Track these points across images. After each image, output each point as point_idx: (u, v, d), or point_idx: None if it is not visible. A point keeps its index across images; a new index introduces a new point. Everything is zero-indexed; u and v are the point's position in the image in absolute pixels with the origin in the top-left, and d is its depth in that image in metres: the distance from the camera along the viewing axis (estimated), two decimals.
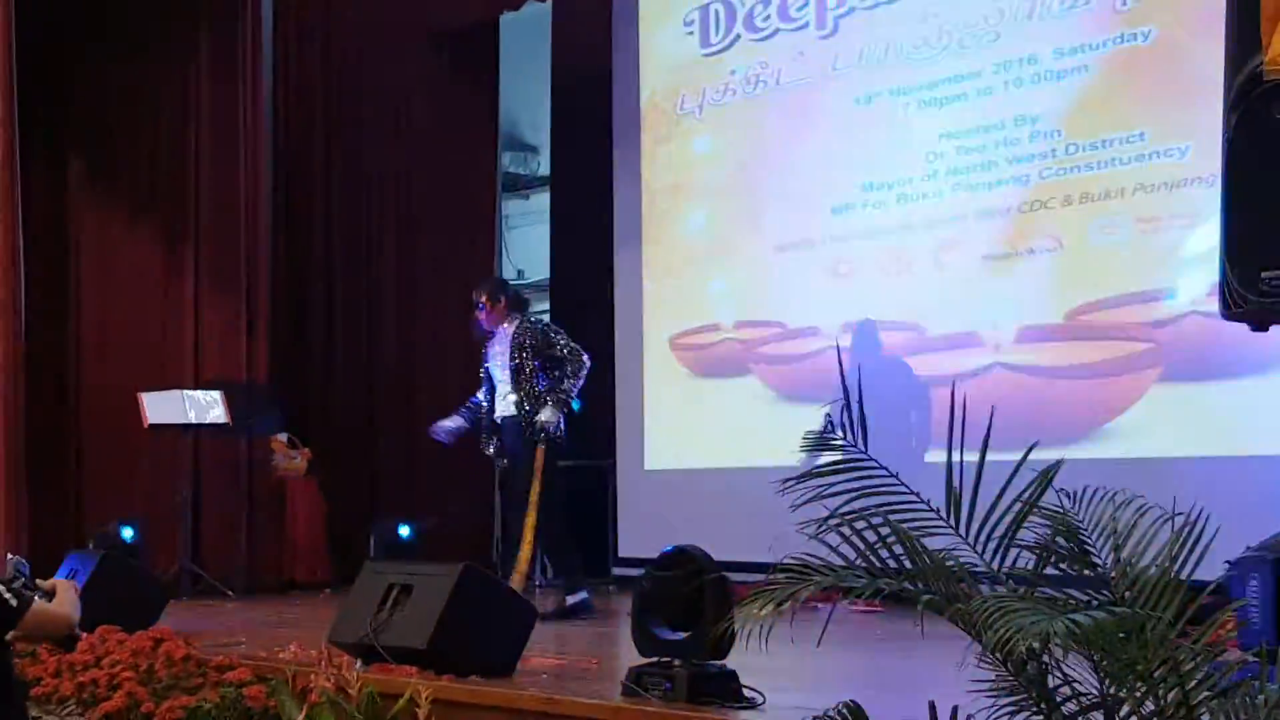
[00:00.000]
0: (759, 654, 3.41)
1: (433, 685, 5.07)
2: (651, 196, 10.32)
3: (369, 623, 5.48)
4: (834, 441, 3.53)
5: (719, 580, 4.59)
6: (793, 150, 9.47)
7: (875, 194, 8.94)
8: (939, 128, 8.65)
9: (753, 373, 9.63)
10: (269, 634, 7.18)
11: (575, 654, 6.15)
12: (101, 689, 5.56)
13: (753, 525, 8.77)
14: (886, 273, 8.85)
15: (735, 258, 9.79)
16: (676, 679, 4.59)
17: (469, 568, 5.55)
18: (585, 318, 11.37)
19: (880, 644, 6.61)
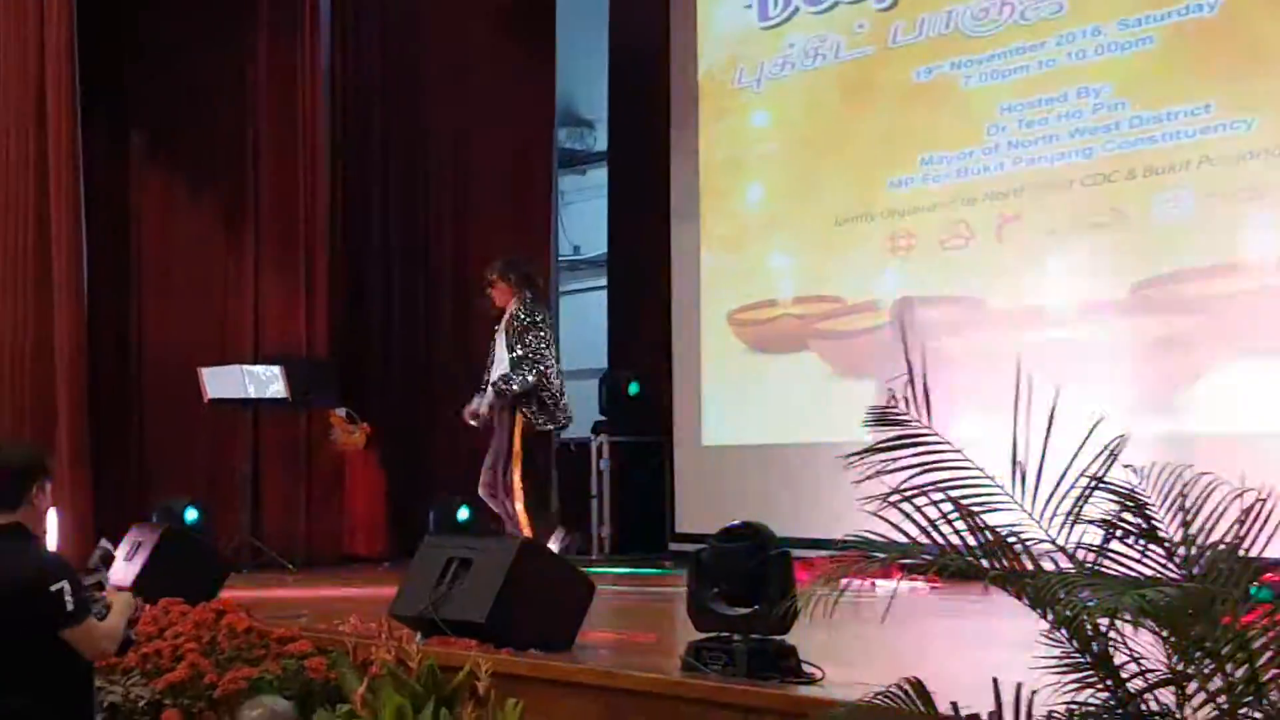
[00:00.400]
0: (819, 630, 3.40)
1: (492, 658, 5.08)
2: (709, 171, 10.28)
3: (429, 596, 5.49)
4: (897, 416, 3.50)
5: (783, 555, 4.57)
6: (852, 124, 9.41)
7: (935, 167, 8.86)
8: (1000, 100, 8.56)
9: (811, 348, 9.59)
10: (329, 607, 7.22)
11: (633, 628, 6.15)
12: (165, 660, 5.59)
13: (810, 501, 8.80)
14: (946, 247, 8.79)
15: (793, 232, 9.74)
16: (736, 654, 4.57)
17: (527, 542, 5.56)
18: (642, 294, 11.39)
19: (943, 620, 6.55)
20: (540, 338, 8.49)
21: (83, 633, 4.50)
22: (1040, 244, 8.38)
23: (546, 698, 4.98)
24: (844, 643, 4.28)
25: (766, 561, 4.59)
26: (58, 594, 4.40)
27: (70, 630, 4.46)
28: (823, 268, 9.54)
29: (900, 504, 3.36)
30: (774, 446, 9.61)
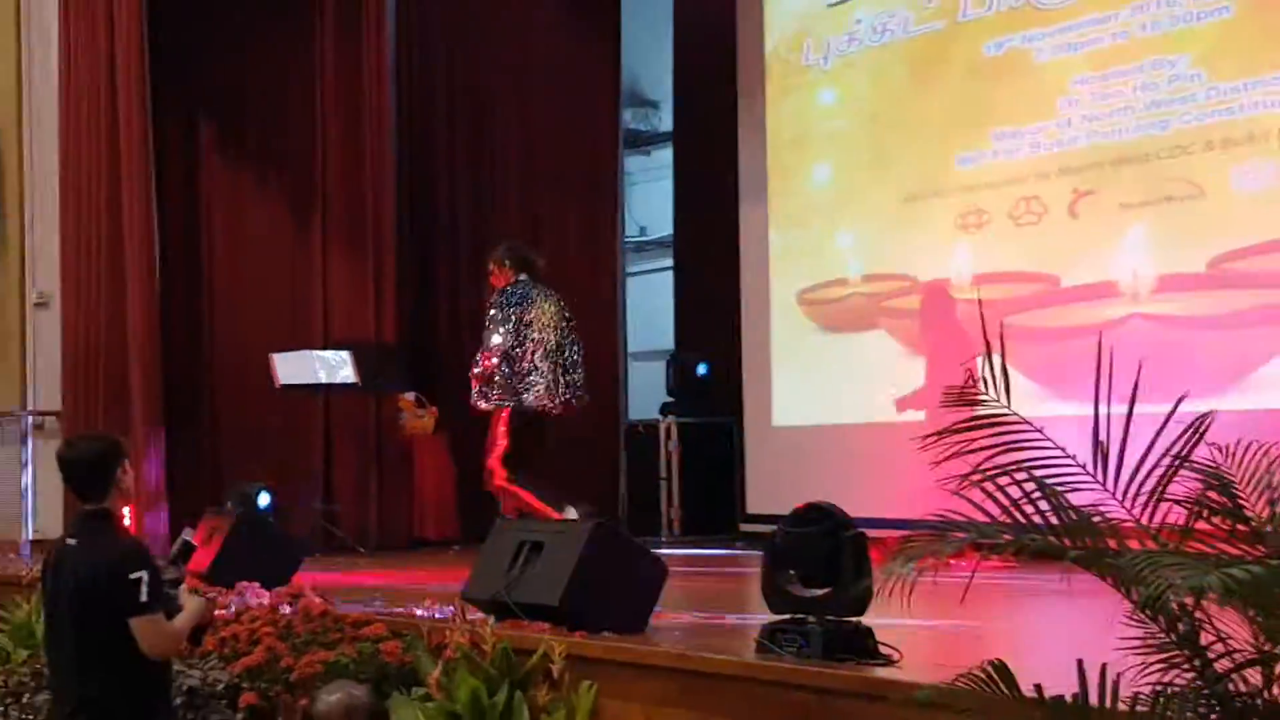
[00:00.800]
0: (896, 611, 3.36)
1: (566, 641, 5.09)
2: (776, 150, 10.22)
3: (502, 579, 5.49)
4: (975, 395, 3.45)
5: (858, 536, 4.53)
6: (921, 100, 9.31)
7: (1006, 143, 8.75)
8: (1073, 73, 8.44)
9: (881, 326, 9.51)
10: (401, 591, 7.25)
11: (707, 611, 6.12)
12: (242, 644, 5.64)
13: (882, 482, 8.73)
14: (1019, 223, 8.68)
15: (862, 210, 9.66)
16: (811, 636, 4.53)
17: (599, 524, 5.54)
18: (709, 274, 11.34)
19: (1024, 602, 6.47)
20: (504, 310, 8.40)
21: (149, 626, 4.54)
22: (1116, 219, 8.25)
23: (620, 680, 4.97)
24: (922, 624, 4.22)
25: (841, 543, 4.55)
26: (135, 582, 4.46)
27: (137, 620, 4.51)
28: (892, 246, 9.46)
29: (980, 484, 3.31)
30: (845, 426, 9.55)
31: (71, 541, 4.67)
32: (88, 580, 4.53)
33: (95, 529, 4.64)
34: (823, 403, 9.81)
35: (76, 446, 4.80)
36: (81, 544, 4.62)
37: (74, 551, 4.62)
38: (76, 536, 4.67)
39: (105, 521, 4.67)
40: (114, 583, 4.48)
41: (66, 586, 4.62)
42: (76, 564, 4.59)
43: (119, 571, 4.49)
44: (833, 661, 4.46)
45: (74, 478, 4.74)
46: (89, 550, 4.58)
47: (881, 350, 9.47)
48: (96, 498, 4.66)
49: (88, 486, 4.68)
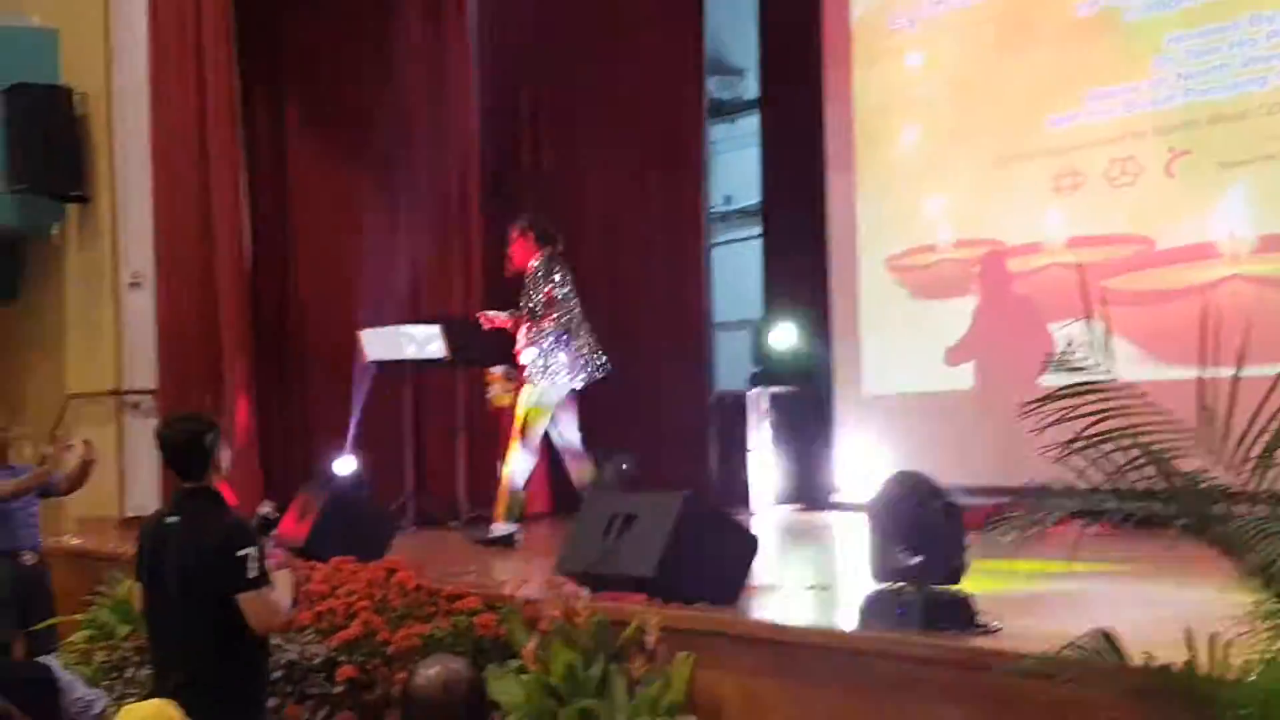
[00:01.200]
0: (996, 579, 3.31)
1: (660, 613, 5.08)
2: (864, 115, 10.10)
3: (595, 552, 5.49)
4: (1076, 361, 3.39)
5: (953, 505, 4.47)
6: (1011, 61, 9.16)
7: (1100, 103, 8.58)
8: (1167, 31, 8.25)
9: (972, 292, 9.39)
10: (495, 564, 7.28)
11: (800, 580, 6.09)
12: (339, 618, 5.68)
13: (976, 449, 8.64)
14: (1114, 184, 8.51)
15: (952, 175, 9.53)
16: (910, 605, 4.49)
17: (691, 496, 5.52)
18: (798, 242, 11.25)
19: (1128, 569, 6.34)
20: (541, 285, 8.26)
21: (258, 601, 4.59)
22: (1213, 178, 8.07)
23: (716, 651, 4.95)
24: (1022, 592, 4.16)
25: (937, 511, 4.49)
26: (243, 559, 4.51)
27: (246, 596, 4.56)
28: (983, 210, 9.32)
29: (1083, 450, 3.25)
30: (937, 394, 9.44)
31: (173, 519, 4.71)
32: (193, 558, 4.58)
33: (197, 507, 4.69)
34: (915, 370, 9.70)
35: (175, 426, 4.84)
36: (184, 522, 4.66)
37: (177, 529, 4.67)
38: (178, 514, 4.71)
39: (206, 499, 4.71)
40: (222, 560, 4.53)
41: (171, 564, 4.67)
42: (181, 542, 4.63)
43: (227, 549, 4.53)
44: (932, 631, 4.42)
45: (174, 457, 4.79)
46: (193, 528, 4.62)
47: (974, 316, 9.35)
48: (196, 475, 4.71)
49: (187, 465, 4.73)
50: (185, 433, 4.75)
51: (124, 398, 10.08)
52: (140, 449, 9.93)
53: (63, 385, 10.56)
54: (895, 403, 9.79)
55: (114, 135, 10.19)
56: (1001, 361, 8.97)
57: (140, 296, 10.06)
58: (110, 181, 10.19)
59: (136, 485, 9.90)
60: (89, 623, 6.83)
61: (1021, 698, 3.86)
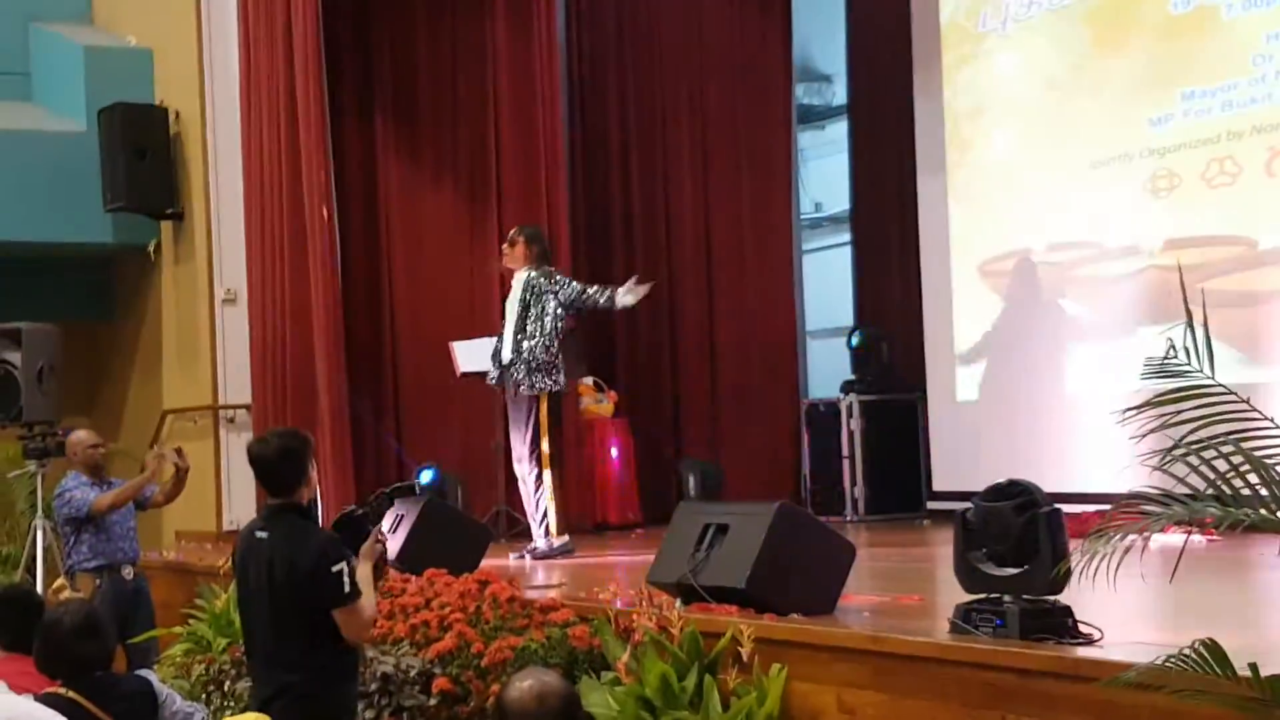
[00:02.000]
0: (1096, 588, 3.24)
1: (754, 624, 5.03)
2: (954, 119, 10.00)
3: (687, 562, 5.45)
4: (1177, 366, 3.32)
5: (1054, 513, 4.39)
6: (1105, 63, 9.03)
7: (1197, 102, 8.43)
8: (1266, 28, 8.09)
9: (1068, 296, 9.26)
10: (588, 575, 7.26)
11: (897, 590, 6.02)
12: (433, 630, 5.69)
13: (1073, 456, 8.52)
14: (1212, 185, 8.35)
15: (1046, 178, 9.40)
16: (1008, 615, 4.41)
17: (784, 505, 5.47)
18: (888, 248, 11.18)
19: (1233, 578, 6.21)
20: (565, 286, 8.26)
21: (353, 615, 4.62)
22: None
23: (811, 662, 4.90)
24: (1124, 602, 4.07)
25: (1037, 519, 4.42)
26: (338, 575, 4.54)
27: (342, 611, 4.59)
28: (1078, 213, 9.18)
29: (1185, 457, 3.18)
30: (1032, 400, 9.31)
31: (262, 534, 4.74)
32: (284, 573, 4.60)
33: (287, 522, 4.71)
34: (1009, 376, 9.58)
35: (268, 442, 4.86)
36: (274, 537, 4.69)
37: (267, 544, 4.69)
38: (267, 529, 4.74)
39: (295, 514, 4.74)
40: (317, 576, 4.56)
41: (259, 577, 4.70)
42: (272, 557, 4.65)
43: (321, 565, 4.56)
44: (1031, 641, 4.34)
45: (263, 471, 4.81)
46: (284, 543, 4.64)
47: (1069, 321, 9.22)
48: (285, 490, 4.74)
49: (279, 481, 4.75)
50: (275, 448, 4.77)
51: (220, 413, 10.19)
52: (237, 463, 10.02)
53: (160, 401, 10.70)
54: (989, 409, 9.68)
55: (207, 153, 10.31)
56: (1099, 366, 8.83)
57: (235, 312, 10.17)
58: (204, 199, 10.31)
59: (234, 499, 10.00)
60: (187, 636, 6.90)
61: (1124, 709, 3.79)
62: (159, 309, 10.84)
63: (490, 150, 10.41)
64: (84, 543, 7.40)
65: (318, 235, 9.59)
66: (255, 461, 4.83)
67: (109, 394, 11.41)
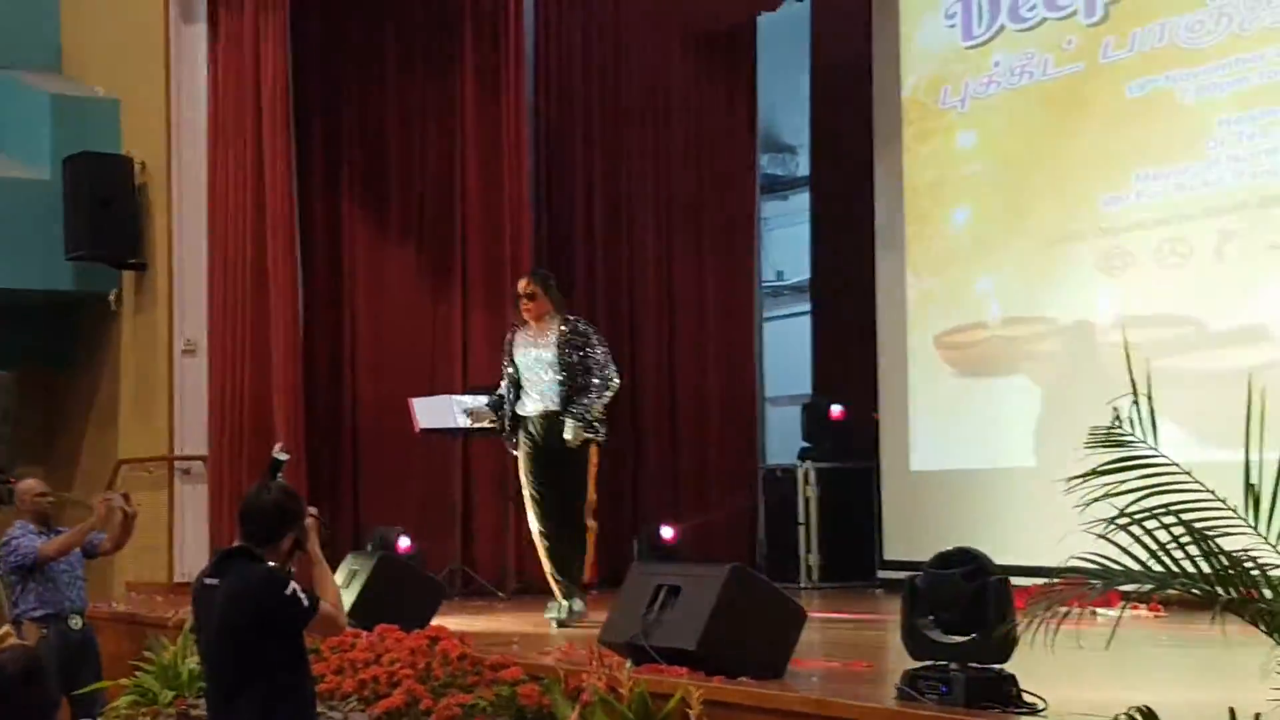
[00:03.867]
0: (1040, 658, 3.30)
1: (704, 686, 5.06)
2: (914, 194, 10.14)
3: (639, 623, 5.48)
4: (1121, 437, 3.40)
5: (1003, 582, 4.45)
6: (1061, 142, 9.19)
7: (1151, 184, 8.59)
8: (1218, 114, 8.27)
9: (1022, 370, 9.38)
10: (540, 634, 7.27)
11: (846, 656, 6.06)
12: (382, 686, 5.69)
13: (1022, 527, 8.59)
14: (1164, 265, 8.51)
15: (1002, 253, 9.54)
16: (954, 683, 4.46)
17: (737, 568, 5.51)
18: (847, 318, 11.28)
19: (1172, 649, 6.32)
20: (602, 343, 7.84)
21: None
22: (1264, 261, 8.05)
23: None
24: (1067, 671, 4.13)
25: (985, 588, 4.47)
26: (293, 595, 4.55)
27: (313, 622, 4.62)
28: (1033, 289, 9.32)
29: (1127, 528, 3.25)
30: (985, 471, 9.41)
31: (211, 580, 4.73)
32: (236, 615, 4.60)
33: (236, 566, 4.69)
34: (962, 447, 9.68)
35: (268, 492, 4.86)
36: (224, 582, 4.68)
37: (219, 591, 4.68)
38: (217, 575, 4.73)
39: (245, 558, 4.72)
40: (275, 605, 4.56)
41: (214, 625, 4.70)
42: (224, 601, 4.65)
43: (273, 595, 4.56)
44: (976, 709, 4.38)
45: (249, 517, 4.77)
46: (233, 586, 4.64)
47: (1021, 394, 9.33)
48: (257, 543, 4.71)
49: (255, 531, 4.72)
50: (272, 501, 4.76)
51: (175, 464, 10.16)
52: (191, 515, 10.01)
53: (115, 451, 10.66)
54: (943, 479, 9.77)
55: (172, 204, 10.32)
56: (1048, 439, 8.94)
57: (194, 364, 10.16)
58: (167, 249, 10.31)
59: (186, 551, 9.95)
60: (134, 687, 6.86)
61: None
62: (117, 358, 10.82)
63: (456, 210, 10.50)
64: (31, 592, 7.33)
65: (280, 289, 9.63)
66: (247, 504, 4.82)
67: (64, 443, 11.35)
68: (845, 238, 11.35)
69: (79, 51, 11.51)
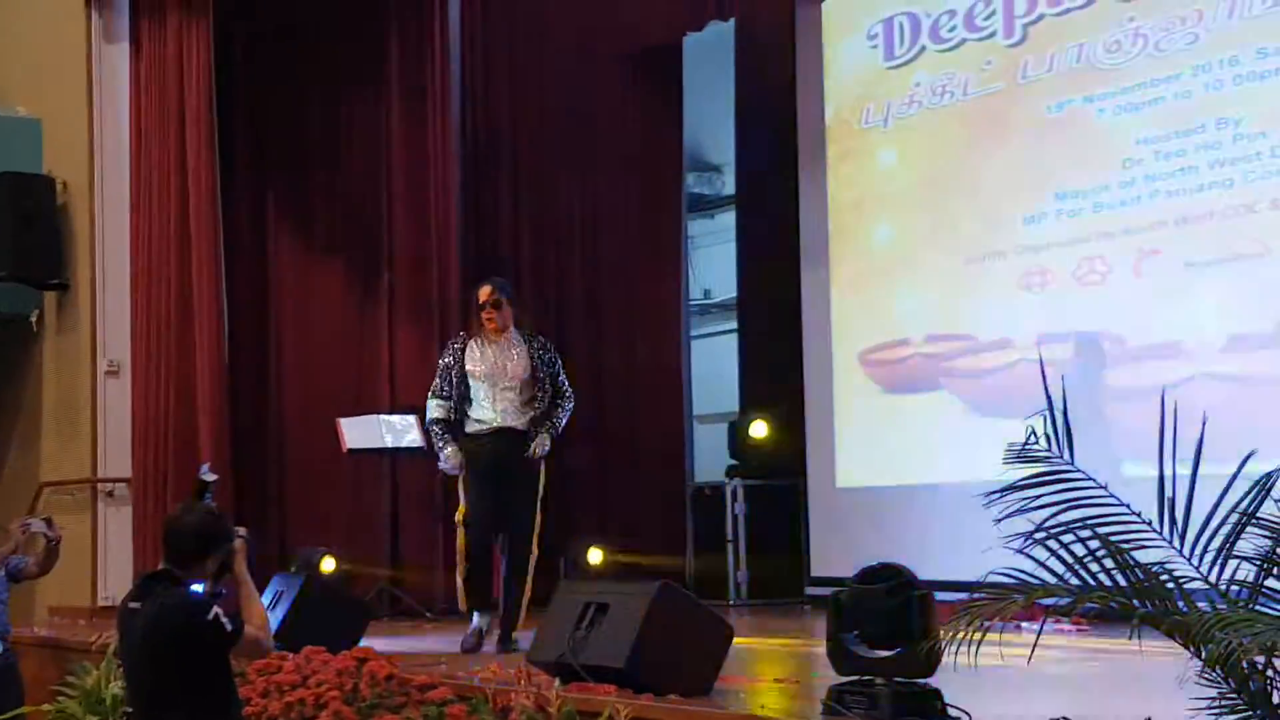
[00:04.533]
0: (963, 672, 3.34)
1: (631, 704, 5.07)
2: (838, 212, 10.23)
3: (567, 641, 5.49)
4: (1038, 453, 3.45)
5: (926, 596, 4.50)
6: (982, 161, 9.32)
7: (1069, 203, 8.73)
8: (1136, 133, 8.42)
9: (944, 387, 9.48)
10: (466, 654, 7.25)
11: (773, 673, 6.10)
12: (309, 708, 5.67)
13: (947, 542, 8.67)
14: (1083, 283, 8.63)
15: (924, 271, 9.65)
16: (879, 697, 4.51)
17: (665, 585, 5.54)
18: (773, 336, 11.34)
19: (1092, 661, 6.41)
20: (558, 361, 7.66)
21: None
22: (1182, 278, 8.20)
23: None
24: (989, 685, 4.19)
25: (909, 602, 4.52)
26: (215, 620, 4.51)
27: (238, 646, 4.59)
28: (955, 306, 9.43)
29: (1045, 542, 3.30)
30: (909, 487, 9.49)
31: (135, 605, 4.69)
32: (162, 638, 4.56)
33: (159, 590, 4.65)
34: (887, 463, 9.76)
35: (192, 513, 4.83)
36: (146, 606, 4.64)
37: (140, 614, 4.65)
38: (140, 599, 4.68)
39: (167, 581, 4.68)
40: (197, 631, 4.52)
41: (137, 649, 4.67)
42: (146, 625, 4.62)
43: (196, 620, 4.53)
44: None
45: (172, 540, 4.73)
46: (155, 611, 4.60)
47: (945, 411, 9.43)
48: (181, 566, 4.67)
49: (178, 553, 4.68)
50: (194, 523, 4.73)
51: (99, 486, 10.06)
52: (114, 538, 9.90)
53: (37, 473, 10.53)
54: (868, 495, 9.84)
55: (95, 224, 10.23)
56: (971, 455, 9.03)
57: (117, 385, 10.06)
58: (90, 270, 10.22)
59: (110, 574, 9.85)
60: (57, 714, 6.78)
61: None
62: (39, 379, 10.69)
63: (382, 229, 10.47)
64: None
65: (204, 309, 9.57)
66: (168, 526, 4.78)
67: None
68: (771, 256, 11.42)
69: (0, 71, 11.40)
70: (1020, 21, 9.09)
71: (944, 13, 9.52)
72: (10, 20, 11.30)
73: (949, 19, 9.50)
